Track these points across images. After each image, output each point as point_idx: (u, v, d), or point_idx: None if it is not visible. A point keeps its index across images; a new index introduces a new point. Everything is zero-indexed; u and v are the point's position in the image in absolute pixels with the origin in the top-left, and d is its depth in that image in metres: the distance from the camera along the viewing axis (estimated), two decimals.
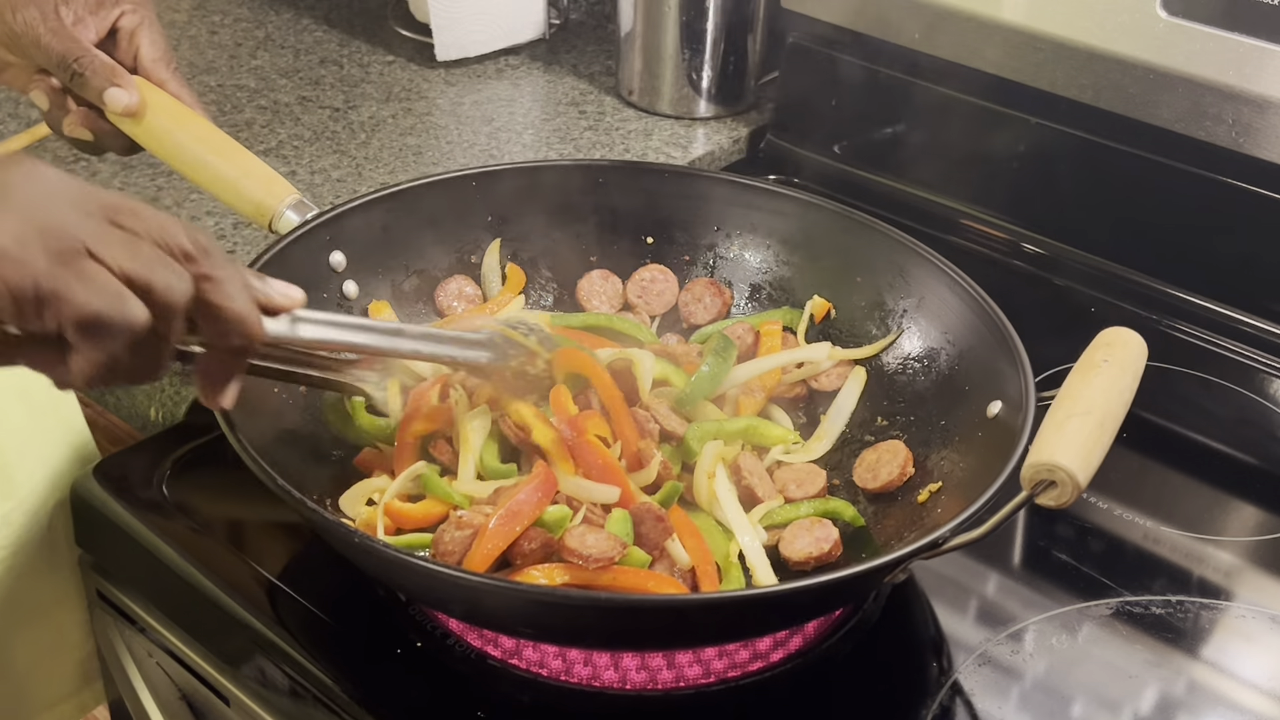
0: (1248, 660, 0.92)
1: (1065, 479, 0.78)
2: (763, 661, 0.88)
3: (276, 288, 0.75)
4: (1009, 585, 0.97)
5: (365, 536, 0.79)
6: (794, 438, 1.03)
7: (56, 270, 0.62)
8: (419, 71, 1.60)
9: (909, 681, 0.89)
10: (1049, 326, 1.07)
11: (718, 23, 1.46)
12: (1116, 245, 1.29)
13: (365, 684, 0.85)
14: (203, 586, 0.92)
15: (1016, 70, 1.27)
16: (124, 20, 1.00)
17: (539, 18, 1.64)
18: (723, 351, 1.02)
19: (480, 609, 0.83)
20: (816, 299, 1.11)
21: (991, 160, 1.34)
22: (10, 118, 1.42)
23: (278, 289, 0.75)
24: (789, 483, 0.99)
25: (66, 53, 0.95)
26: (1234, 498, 1.08)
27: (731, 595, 0.85)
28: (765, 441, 1.01)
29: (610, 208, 1.15)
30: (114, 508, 0.98)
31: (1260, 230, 1.20)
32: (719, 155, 1.48)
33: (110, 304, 0.63)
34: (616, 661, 0.87)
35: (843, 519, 0.95)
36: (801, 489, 0.98)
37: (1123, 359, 0.87)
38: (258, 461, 0.80)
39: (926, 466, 0.97)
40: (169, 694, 1.03)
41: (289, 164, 1.38)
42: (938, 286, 1.04)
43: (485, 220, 1.13)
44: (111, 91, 0.96)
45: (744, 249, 1.15)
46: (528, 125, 1.49)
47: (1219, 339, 1.23)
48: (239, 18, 1.71)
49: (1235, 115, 1.16)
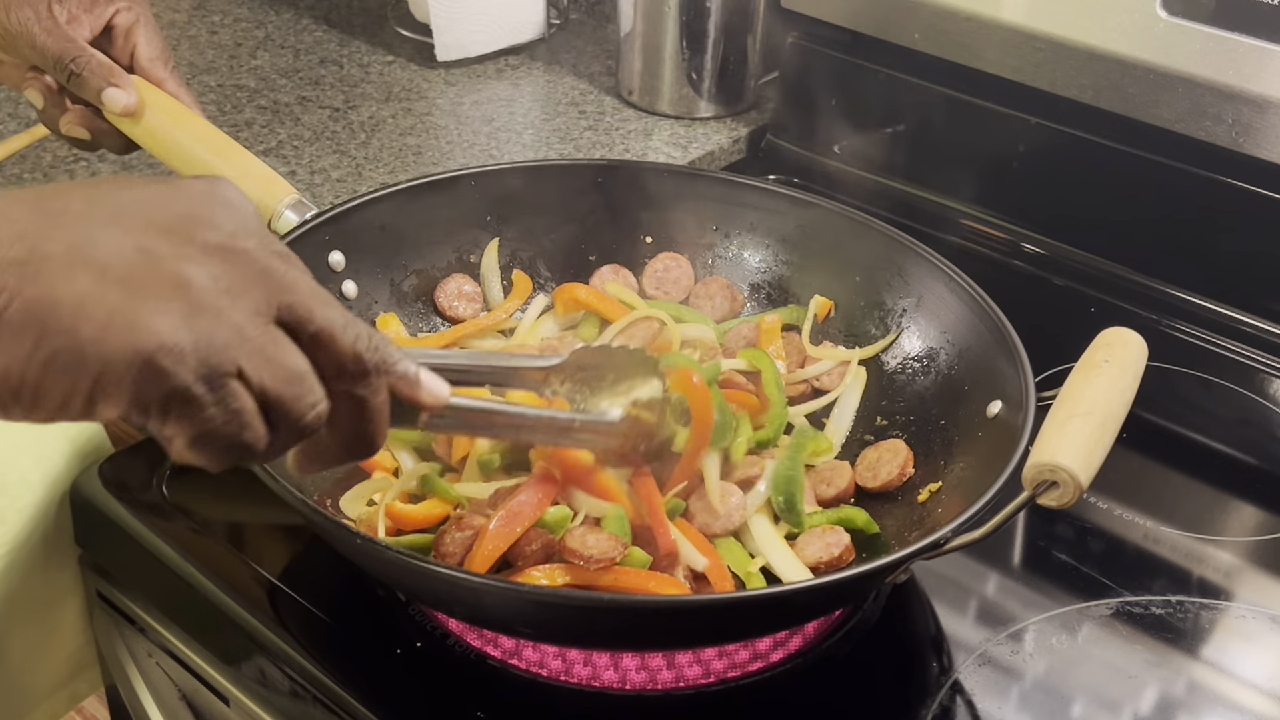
0: (1248, 660, 0.92)
1: (1067, 479, 0.78)
2: (763, 661, 0.88)
3: (427, 388, 0.67)
4: (1009, 585, 0.97)
5: (366, 537, 0.79)
6: (830, 445, 1.01)
7: (199, 389, 0.55)
8: (419, 71, 1.60)
9: (909, 681, 0.88)
10: (1049, 326, 1.07)
11: (718, 23, 1.46)
12: (1116, 245, 1.29)
13: (365, 684, 0.85)
14: (203, 587, 0.92)
15: (1016, 70, 1.27)
16: (119, 18, 0.99)
17: (539, 18, 1.64)
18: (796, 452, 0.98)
19: (480, 609, 0.83)
20: (819, 298, 1.11)
21: (991, 160, 1.34)
22: (10, 118, 1.42)
23: (428, 390, 0.67)
24: (819, 483, 0.98)
25: (63, 53, 0.94)
26: (1234, 498, 1.08)
27: (731, 596, 0.85)
28: (813, 456, 1.00)
29: (609, 207, 1.15)
30: (114, 508, 0.98)
31: (1260, 230, 1.20)
32: (719, 155, 1.48)
33: (234, 430, 0.57)
34: (616, 661, 0.87)
35: (855, 526, 0.94)
36: (832, 486, 0.97)
37: (1123, 359, 0.87)
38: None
39: (926, 466, 0.97)
40: (169, 694, 1.03)
41: (289, 164, 1.37)
42: (936, 286, 1.04)
43: (484, 220, 1.13)
44: (109, 91, 0.96)
45: (743, 249, 1.15)
46: (528, 125, 1.49)
47: (1219, 339, 1.23)
48: (239, 18, 1.71)
49: (1235, 115, 1.16)
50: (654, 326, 1.06)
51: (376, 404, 0.63)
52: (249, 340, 0.56)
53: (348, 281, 1.06)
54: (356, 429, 0.63)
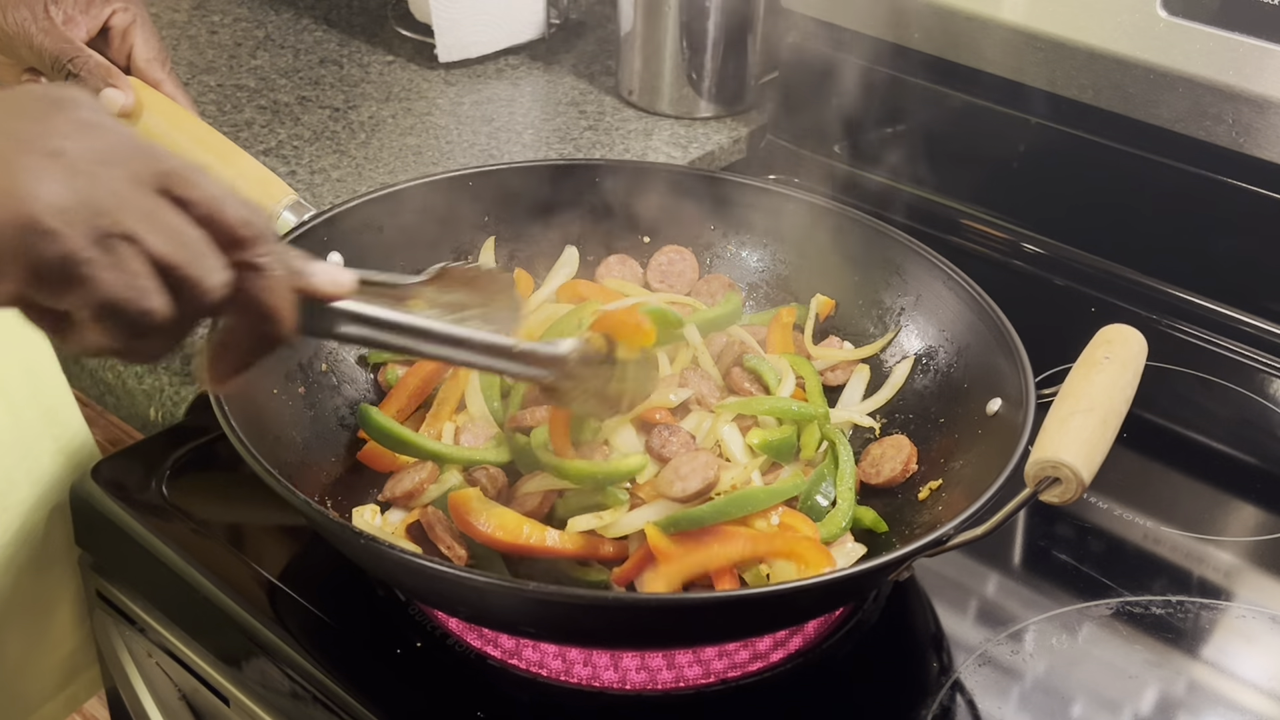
0: (1248, 660, 0.92)
1: (1069, 476, 0.78)
2: (763, 661, 0.88)
3: (322, 274, 0.68)
4: (1009, 585, 0.97)
5: (369, 536, 0.79)
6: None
7: (90, 252, 0.57)
8: (419, 71, 1.60)
9: (909, 681, 0.88)
10: (1049, 326, 1.07)
11: (718, 23, 1.46)
12: (1116, 245, 1.29)
13: (365, 684, 0.85)
14: (203, 586, 0.92)
15: (1016, 70, 1.27)
16: (115, 19, 0.99)
17: (539, 18, 1.64)
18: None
19: (483, 609, 0.83)
20: (821, 297, 1.11)
21: (991, 160, 1.34)
22: None
23: (324, 276, 0.68)
24: (868, 469, 0.99)
25: (61, 53, 0.95)
26: (1234, 498, 1.08)
27: (731, 595, 0.85)
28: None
29: (608, 207, 1.15)
30: (113, 508, 0.98)
31: (1260, 230, 1.20)
32: (719, 155, 1.48)
33: (133, 295, 0.58)
34: (616, 661, 0.87)
35: (862, 525, 0.94)
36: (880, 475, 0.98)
37: (1124, 356, 0.87)
38: (259, 461, 0.80)
39: (927, 464, 0.97)
40: (169, 694, 1.03)
41: (289, 164, 1.37)
42: (934, 284, 1.04)
43: (483, 220, 1.13)
44: (107, 92, 0.96)
45: (741, 248, 1.15)
46: (528, 125, 1.49)
47: (1219, 339, 1.23)
48: (239, 18, 1.71)
49: (1235, 115, 1.16)
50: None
51: (277, 275, 0.63)
52: (133, 205, 0.58)
53: None
54: (261, 306, 0.64)
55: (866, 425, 1.03)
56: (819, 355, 1.08)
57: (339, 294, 0.69)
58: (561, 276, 1.13)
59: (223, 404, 0.83)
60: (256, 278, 0.63)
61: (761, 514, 0.89)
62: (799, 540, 0.87)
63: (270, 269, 0.64)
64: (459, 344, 0.79)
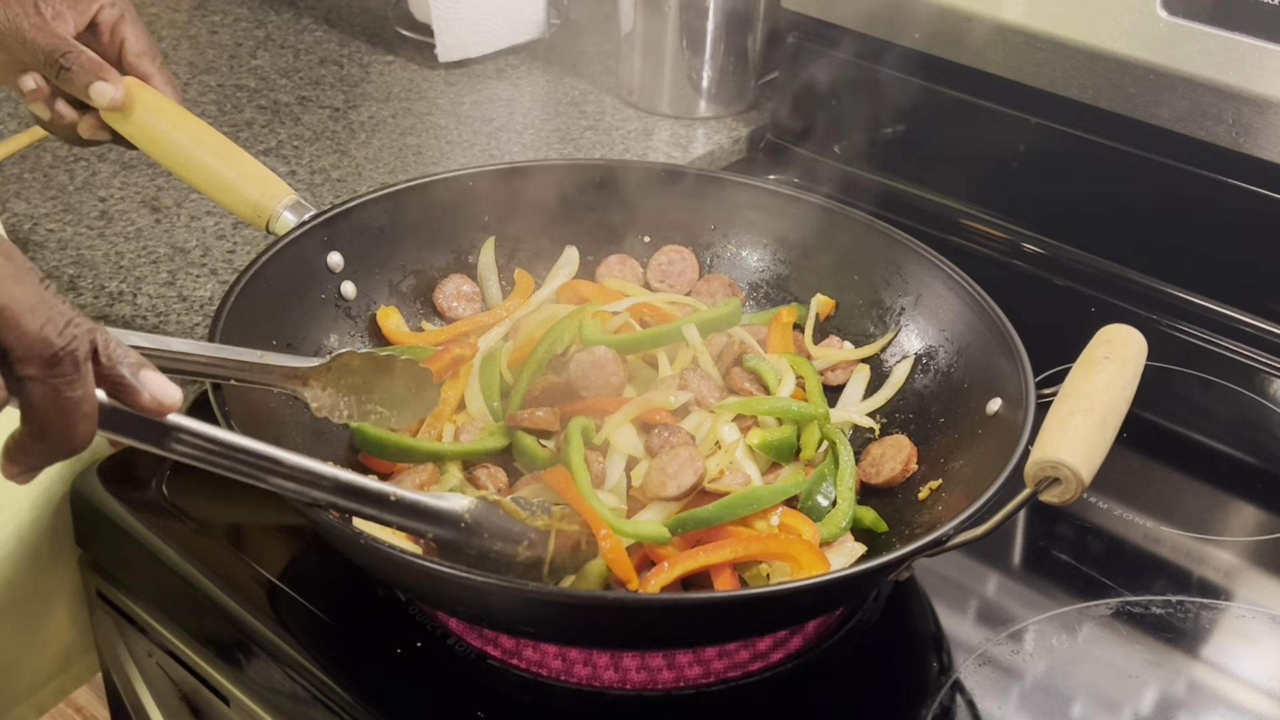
0: (1248, 660, 0.92)
1: (1069, 476, 0.78)
2: (763, 661, 0.88)
3: (150, 389, 0.64)
4: (1009, 585, 0.97)
5: (369, 537, 0.79)
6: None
7: None
8: (419, 72, 1.60)
9: (909, 681, 0.88)
10: (1049, 326, 1.07)
11: (718, 23, 1.46)
12: (1116, 245, 1.29)
13: (365, 684, 0.85)
14: (203, 586, 0.92)
15: (1016, 70, 1.27)
16: (103, 14, 1.00)
17: (539, 18, 1.64)
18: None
19: (483, 609, 0.83)
20: (821, 297, 1.11)
21: (991, 160, 1.34)
22: (10, 117, 1.42)
23: (149, 392, 0.64)
24: (868, 469, 0.99)
25: (53, 48, 0.95)
26: (1234, 498, 1.08)
27: (731, 595, 0.85)
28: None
29: (608, 207, 1.15)
30: (114, 507, 0.98)
31: (1260, 230, 1.20)
32: (719, 155, 1.48)
33: None
34: (616, 661, 0.87)
35: (863, 525, 0.94)
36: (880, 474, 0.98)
37: (1123, 356, 0.87)
38: None
39: (927, 463, 0.97)
40: (169, 694, 1.03)
41: (289, 164, 1.37)
42: (934, 284, 1.04)
43: (483, 220, 1.13)
44: (97, 85, 0.96)
45: (741, 248, 1.15)
46: (528, 125, 1.49)
47: (1219, 339, 1.23)
48: (239, 18, 1.71)
49: (1235, 115, 1.16)
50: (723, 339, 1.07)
51: (72, 397, 0.60)
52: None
53: (346, 282, 1.05)
54: (47, 424, 0.61)
55: (866, 425, 1.03)
56: (819, 355, 1.08)
57: (162, 413, 0.66)
58: (562, 276, 1.13)
59: (223, 404, 0.83)
60: (50, 398, 0.60)
61: (762, 514, 0.89)
62: (794, 543, 0.87)
63: (69, 391, 0.61)
64: (315, 482, 0.75)
